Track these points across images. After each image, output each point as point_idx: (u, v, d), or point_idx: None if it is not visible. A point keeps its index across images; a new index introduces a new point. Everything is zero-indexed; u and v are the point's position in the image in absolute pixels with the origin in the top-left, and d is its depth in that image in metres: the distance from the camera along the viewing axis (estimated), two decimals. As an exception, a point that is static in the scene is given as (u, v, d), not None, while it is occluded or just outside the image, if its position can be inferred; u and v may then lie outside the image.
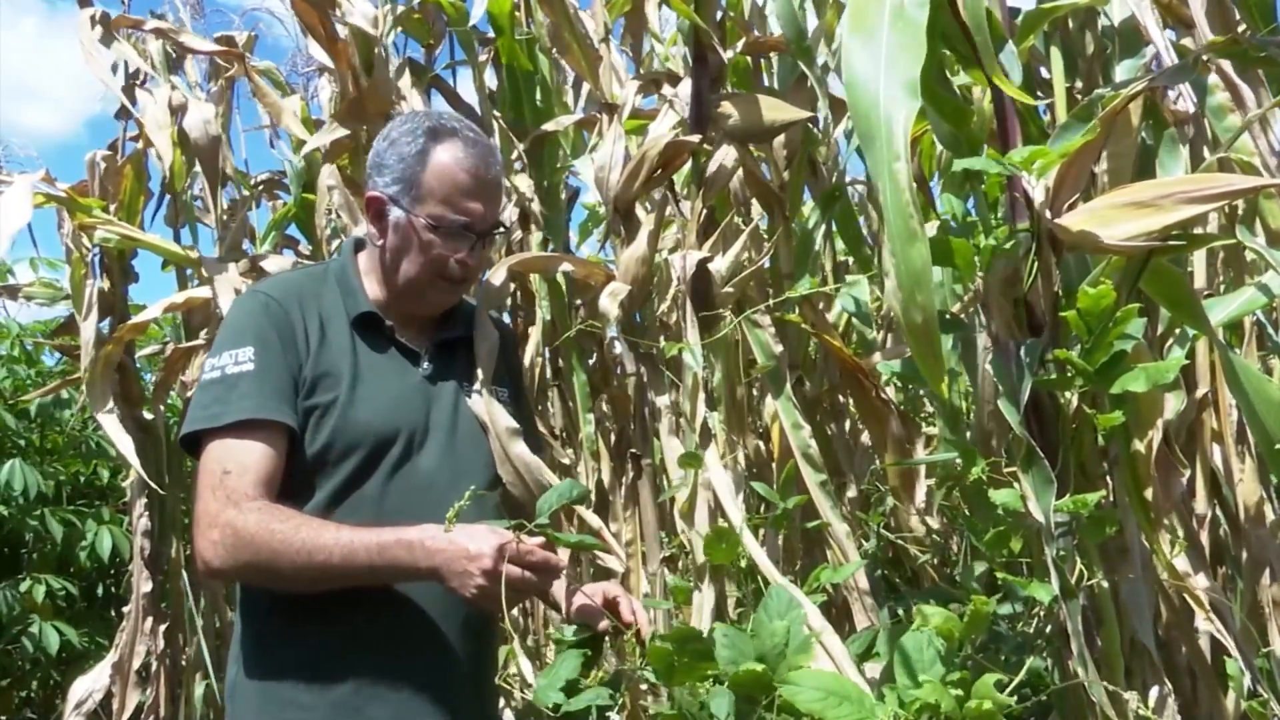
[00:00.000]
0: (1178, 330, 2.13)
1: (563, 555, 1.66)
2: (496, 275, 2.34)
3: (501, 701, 2.65)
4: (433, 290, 1.81)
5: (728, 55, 2.57)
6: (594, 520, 2.32)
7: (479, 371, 1.90)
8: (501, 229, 1.86)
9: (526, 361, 3.40)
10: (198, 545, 1.62)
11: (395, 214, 1.79)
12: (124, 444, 3.35)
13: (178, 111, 3.58)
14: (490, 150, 1.83)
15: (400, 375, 1.81)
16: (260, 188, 4.52)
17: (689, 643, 1.51)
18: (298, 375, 1.71)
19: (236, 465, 1.62)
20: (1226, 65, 1.82)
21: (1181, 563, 1.94)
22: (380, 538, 1.56)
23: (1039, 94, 2.21)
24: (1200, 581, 1.94)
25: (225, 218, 3.82)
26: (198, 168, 3.63)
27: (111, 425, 3.36)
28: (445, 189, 1.76)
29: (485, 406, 1.87)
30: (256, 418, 1.64)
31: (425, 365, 1.84)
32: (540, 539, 1.57)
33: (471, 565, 1.52)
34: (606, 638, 1.69)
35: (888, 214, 1.48)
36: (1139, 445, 1.81)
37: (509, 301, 3.55)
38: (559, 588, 1.68)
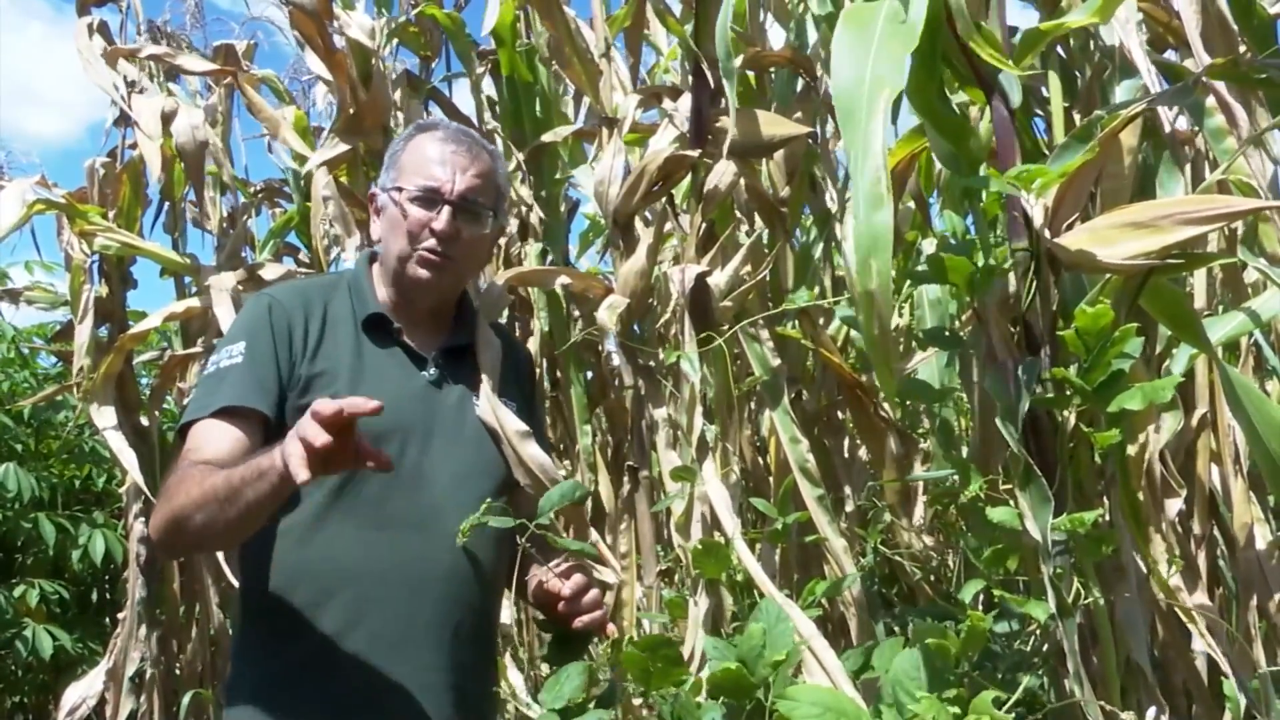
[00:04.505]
0: (1175, 350, 2.14)
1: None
2: (494, 285, 2.34)
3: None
4: (414, 264, 1.83)
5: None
6: (590, 534, 2.32)
7: (483, 379, 1.91)
8: (478, 205, 1.85)
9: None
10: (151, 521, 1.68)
11: (381, 198, 1.89)
12: (128, 458, 3.35)
13: (169, 119, 3.58)
14: (473, 140, 1.90)
15: (403, 377, 1.83)
16: (260, 195, 4.52)
17: (660, 648, 1.52)
18: (289, 373, 1.75)
19: (198, 442, 1.67)
20: (1221, 87, 1.83)
21: (1178, 582, 1.94)
22: (259, 455, 1.53)
23: (1037, 113, 2.21)
24: (1197, 601, 1.94)
25: (225, 225, 3.83)
26: (196, 175, 3.63)
27: (116, 440, 3.36)
28: (416, 162, 1.85)
29: (491, 410, 1.88)
30: (234, 405, 1.69)
31: (431, 370, 1.86)
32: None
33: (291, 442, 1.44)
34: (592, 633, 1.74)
35: (857, 179, 1.50)
36: (1130, 451, 1.82)
37: (506, 311, 3.55)
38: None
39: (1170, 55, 2.29)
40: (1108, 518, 1.79)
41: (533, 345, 3.42)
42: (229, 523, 1.55)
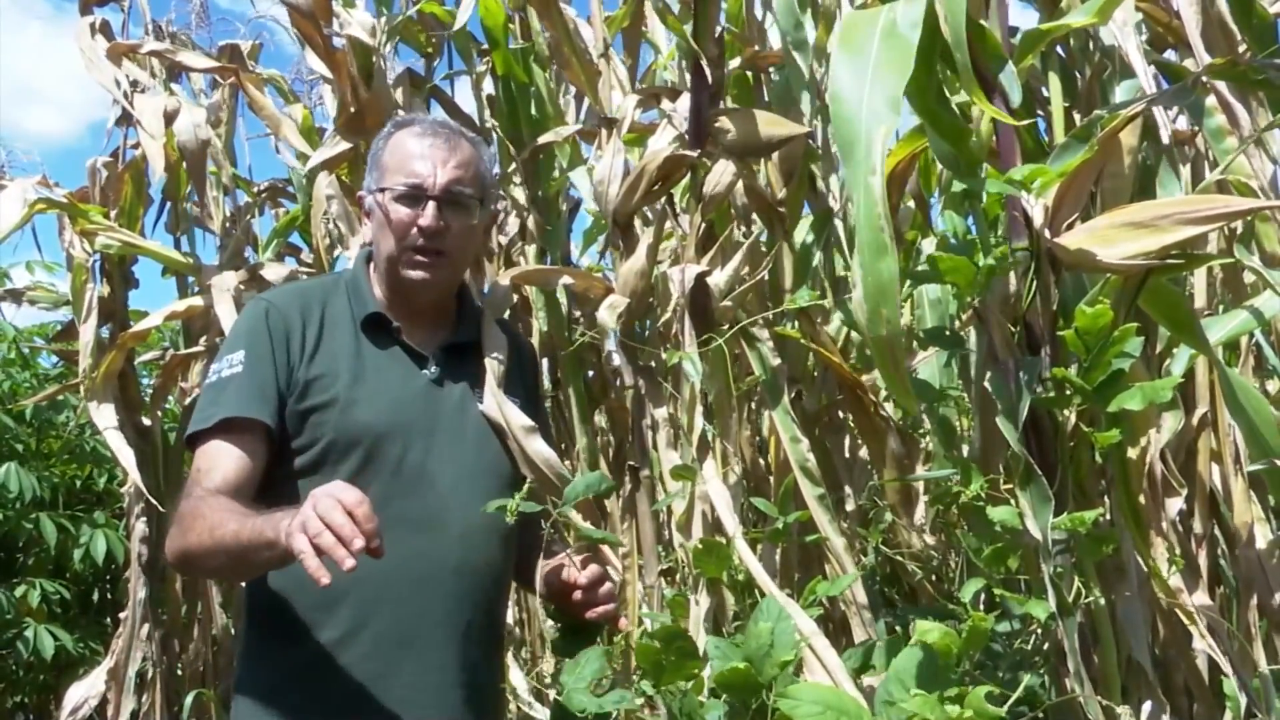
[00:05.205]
0: (1175, 349, 2.14)
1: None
2: (500, 285, 2.34)
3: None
4: (406, 264, 1.82)
5: (727, 69, 2.58)
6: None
7: (489, 376, 1.91)
8: (464, 196, 1.83)
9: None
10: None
11: (369, 201, 1.87)
12: (125, 456, 3.35)
13: (171, 118, 3.57)
14: (451, 130, 1.89)
15: (404, 377, 1.83)
16: (263, 195, 4.52)
17: (675, 640, 1.52)
18: (288, 378, 1.75)
19: (209, 464, 1.68)
20: (1222, 87, 1.83)
21: (1178, 581, 1.94)
22: (270, 517, 1.51)
23: (1038, 113, 2.21)
24: (1198, 600, 1.94)
25: (228, 225, 3.83)
26: (199, 174, 3.63)
27: (115, 439, 3.37)
28: (397, 160, 1.84)
29: (497, 406, 1.88)
30: (237, 416, 1.70)
31: (432, 369, 1.85)
32: None
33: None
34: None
35: (859, 227, 1.52)
36: (1131, 454, 1.82)
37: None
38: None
39: (1170, 55, 2.29)
40: (1108, 517, 1.80)
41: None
42: (239, 571, 1.66)
